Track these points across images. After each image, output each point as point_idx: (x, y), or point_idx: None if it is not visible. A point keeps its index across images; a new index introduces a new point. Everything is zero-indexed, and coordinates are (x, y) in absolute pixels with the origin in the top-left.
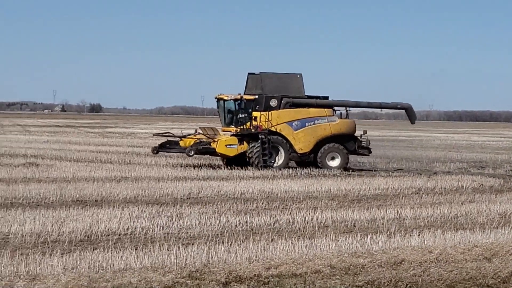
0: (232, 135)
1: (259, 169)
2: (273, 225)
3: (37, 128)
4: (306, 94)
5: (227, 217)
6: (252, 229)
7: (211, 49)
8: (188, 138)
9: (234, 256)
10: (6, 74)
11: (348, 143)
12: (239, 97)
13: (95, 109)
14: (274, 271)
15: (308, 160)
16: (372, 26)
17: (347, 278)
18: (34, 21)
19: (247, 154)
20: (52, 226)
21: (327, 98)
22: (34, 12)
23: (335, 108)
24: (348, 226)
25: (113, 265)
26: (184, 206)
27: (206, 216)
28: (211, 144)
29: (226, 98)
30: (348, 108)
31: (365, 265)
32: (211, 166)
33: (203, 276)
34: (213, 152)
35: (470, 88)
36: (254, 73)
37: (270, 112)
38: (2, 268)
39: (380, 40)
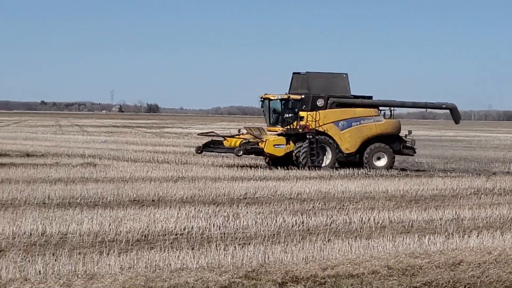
0: (279, 135)
1: (306, 169)
2: (330, 225)
3: (94, 128)
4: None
5: (283, 217)
6: (308, 229)
7: (267, 49)
8: (233, 138)
9: (290, 256)
10: (65, 75)
11: (394, 143)
12: (286, 97)
13: (152, 109)
14: (331, 271)
15: (354, 160)
16: (417, 25)
17: (404, 279)
18: (93, 22)
19: (294, 154)
20: (109, 225)
21: (371, 97)
22: (93, 13)
23: (380, 108)
24: (406, 227)
25: (170, 264)
26: (241, 206)
27: (263, 216)
28: (259, 144)
29: (272, 97)
30: (392, 108)
31: (423, 266)
32: (267, 166)
33: (259, 276)
34: (260, 152)
35: None
36: (299, 73)
37: (317, 112)
38: (61, 267)
39: (431, 38)
